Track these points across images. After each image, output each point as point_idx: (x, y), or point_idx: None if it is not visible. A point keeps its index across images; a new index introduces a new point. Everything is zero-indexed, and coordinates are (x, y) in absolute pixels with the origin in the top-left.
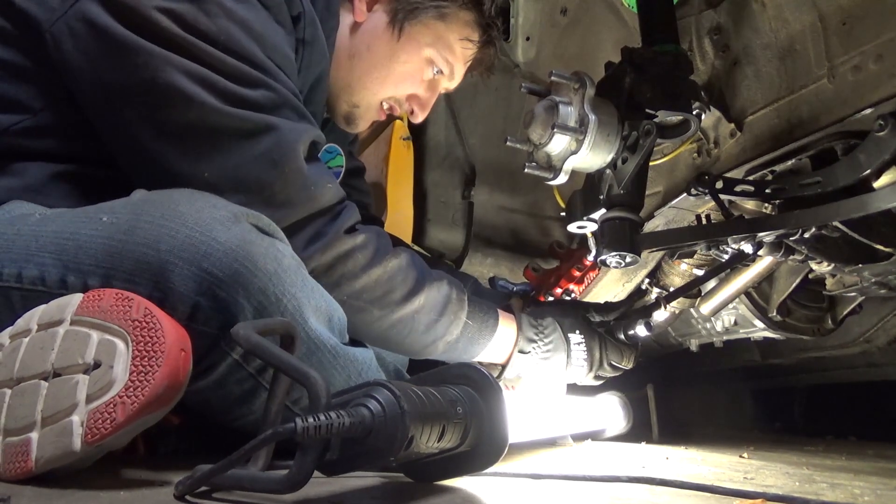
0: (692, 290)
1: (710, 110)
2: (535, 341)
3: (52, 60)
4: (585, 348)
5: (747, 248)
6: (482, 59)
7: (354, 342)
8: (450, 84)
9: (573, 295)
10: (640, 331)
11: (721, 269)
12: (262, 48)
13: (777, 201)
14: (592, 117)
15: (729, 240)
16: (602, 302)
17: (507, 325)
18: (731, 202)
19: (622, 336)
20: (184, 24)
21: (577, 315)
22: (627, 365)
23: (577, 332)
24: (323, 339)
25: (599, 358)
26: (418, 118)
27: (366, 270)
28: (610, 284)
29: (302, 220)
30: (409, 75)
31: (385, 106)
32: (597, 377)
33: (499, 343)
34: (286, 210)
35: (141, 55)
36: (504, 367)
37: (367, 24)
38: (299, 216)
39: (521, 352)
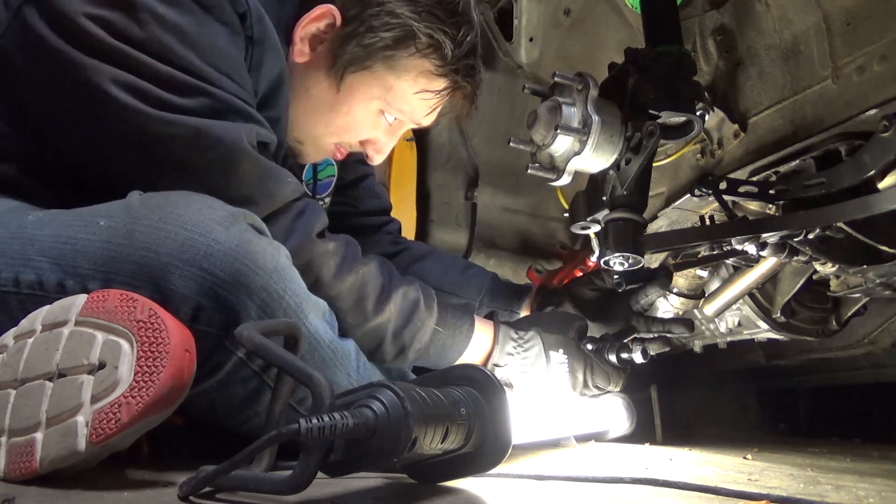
0: (701, 265)
1: (713, 111)
2: (511, 355)
3: (3, 72)
4: (568, 369)
5: (751, 249)
6: (453, 106)
7: (344, 336)
8: (419, 125)
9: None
10: (637, 357)
11: (725, 256)
12: (199, 54)
13: (781, 202)
14: (596, 118)
15: (733, 241)
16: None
17: (483, 335)
18: (734, 203)
19: (614, 358)
20: (114, 32)
21: (566, 331)
22: (615, 388)
23: (561, 350)
24: (322, 335)
25: (583, 380)
26: (374, 161)
27: (338, 277)
28: None
29: (266, 218)
30: (355, 125)
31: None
32: (581, 394)
33: (473, 352)
34: (247, 208)
35: (72, 66)
36: None
37: (310, 65)
38: (262, 214)
39: (495, 365)
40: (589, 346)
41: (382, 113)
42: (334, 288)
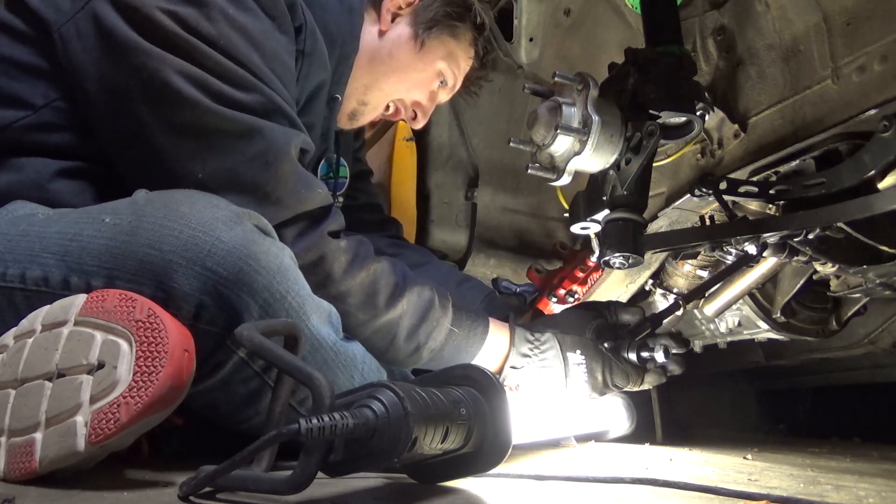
0: (706, 291)
1: (713, 111)
2: (528, 356)
3: (58, 60)
4: (586, 370)
5: (751, 249)
6: (478, 78)
7: (349, 338)
8: (446, 97)
9: (577, 296)
10: (659, 357)
11: (731, 271)
12: (261, 55)
13: (781, 202)
14: (596, 118)
15: (733, 241)
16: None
17: (498, 337)
18: (734, 203)
19: (634, 357)
20: (185, 26)
21: (583, 331)
22: (633, 388)
23: (578, 351)
24: (324, 337)
25: (602, 380)
26: (419, 124)
27: (350, 273)
28: (613, 285)
29: (288, 220)
30: (421, 83)
31: (391, 108)
32: (601, 394)
33: (489, 354)
34: (276, 209)
35: (140, 55)
36: None
37: (391, 33)
38: (287, 216)
39: (512, 367)
40: (606, 346)
41: (440, 76)
42: (345, 284)
